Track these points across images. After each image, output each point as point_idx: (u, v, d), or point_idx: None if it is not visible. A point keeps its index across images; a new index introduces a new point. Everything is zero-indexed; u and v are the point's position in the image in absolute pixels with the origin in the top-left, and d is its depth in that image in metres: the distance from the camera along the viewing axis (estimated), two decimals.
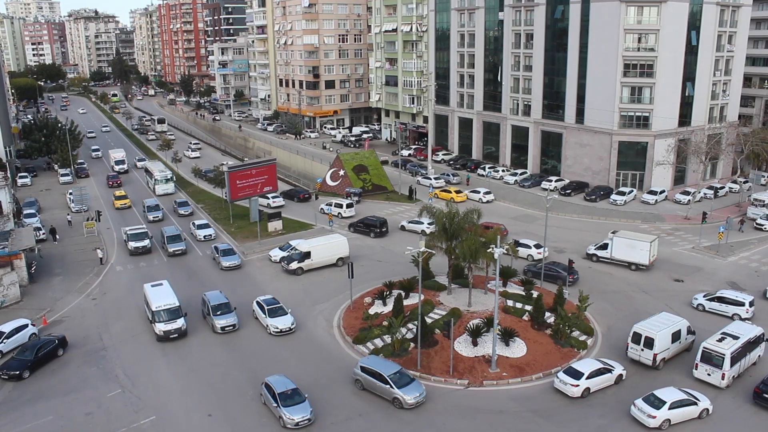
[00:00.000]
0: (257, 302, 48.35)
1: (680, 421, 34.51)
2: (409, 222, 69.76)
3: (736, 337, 38.82)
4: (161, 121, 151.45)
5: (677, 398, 34.68)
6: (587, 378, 37.35)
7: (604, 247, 58.80)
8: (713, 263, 58.63)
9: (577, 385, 37.04)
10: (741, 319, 45.73)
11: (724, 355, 37.40)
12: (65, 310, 50.90)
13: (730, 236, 61.84)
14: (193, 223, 70.29)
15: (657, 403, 34.32)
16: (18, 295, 52.43)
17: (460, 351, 41.42)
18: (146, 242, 63.12)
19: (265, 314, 46.69)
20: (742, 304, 46.91)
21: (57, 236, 67.65)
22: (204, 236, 67.22)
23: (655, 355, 39.77)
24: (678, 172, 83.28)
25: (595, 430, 34.48)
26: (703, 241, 62.82)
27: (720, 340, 38.44)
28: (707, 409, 35.17)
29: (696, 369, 38.65)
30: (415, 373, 39.28)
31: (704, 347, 38.22)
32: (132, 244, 62.75)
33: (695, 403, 34.97)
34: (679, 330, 41.17)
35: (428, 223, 64.45)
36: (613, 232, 60.33)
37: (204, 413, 36.53)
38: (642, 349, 40.22)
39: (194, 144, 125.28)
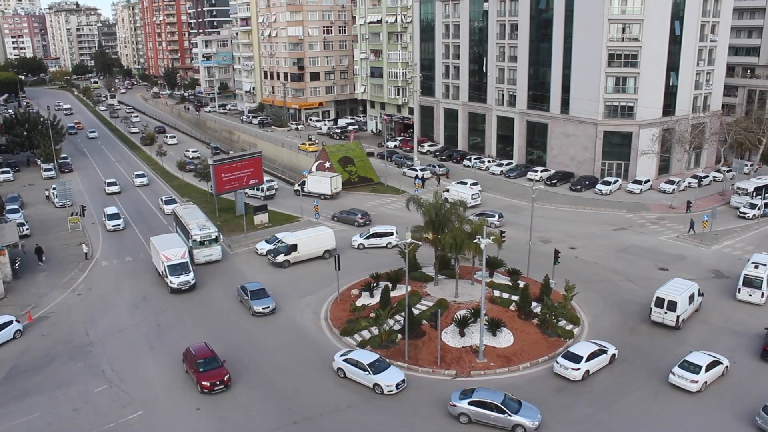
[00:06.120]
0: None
1: (713, 380, 37.39)
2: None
3: (764, 265, 47.58)
4: (112, 97, 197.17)
5: (709, 361, 37.35)
6: (586, 360, 38.43)
7: (303, 184, 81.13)
8: (697, 251, 59.15)
9: (578, 369, 38.03)
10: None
11: (762, 278, 46.71)
12: (50, 306, 50.52)
13: (713, 224, 62.44)
14: (161, 199, 75.65)
15: (693, 368, 36.83)
16: (2, 292, 51.94)
17: (447, 342, 41.56)
18: None
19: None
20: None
21: (44, 257, 59.59)
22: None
23: (678, 317, 43.20)
24: (662, 162, 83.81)
25: (583, 418, 34.76)
26: (687, 230, 63.36)
27: (756, 267, 47.43)
28: (727, 367, 38.35)
29: (739, 293, 47.42)
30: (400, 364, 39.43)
31: (746, 274, 47.37)
32: None
33: (721, 363, 38.00)
34: (693, 293, 45.09)
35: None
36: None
37: (192, 407, 36.45)
38: (665, 312, 43.72)
39: (170, 136, 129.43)
